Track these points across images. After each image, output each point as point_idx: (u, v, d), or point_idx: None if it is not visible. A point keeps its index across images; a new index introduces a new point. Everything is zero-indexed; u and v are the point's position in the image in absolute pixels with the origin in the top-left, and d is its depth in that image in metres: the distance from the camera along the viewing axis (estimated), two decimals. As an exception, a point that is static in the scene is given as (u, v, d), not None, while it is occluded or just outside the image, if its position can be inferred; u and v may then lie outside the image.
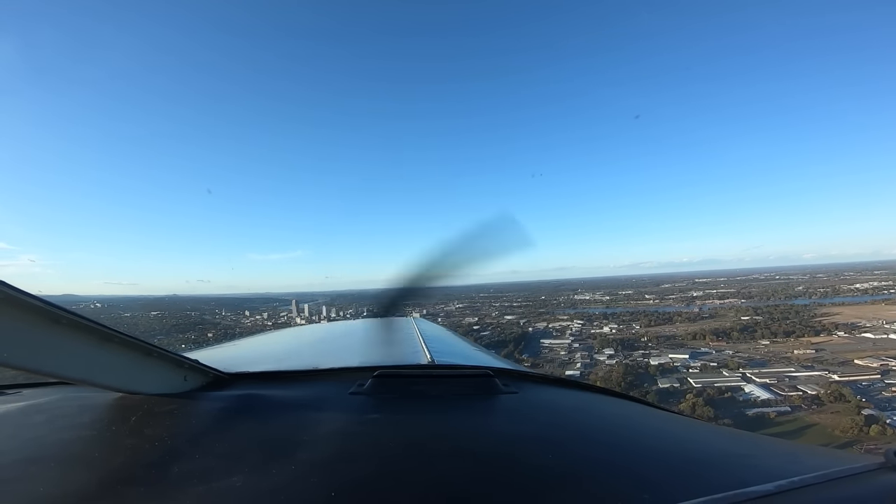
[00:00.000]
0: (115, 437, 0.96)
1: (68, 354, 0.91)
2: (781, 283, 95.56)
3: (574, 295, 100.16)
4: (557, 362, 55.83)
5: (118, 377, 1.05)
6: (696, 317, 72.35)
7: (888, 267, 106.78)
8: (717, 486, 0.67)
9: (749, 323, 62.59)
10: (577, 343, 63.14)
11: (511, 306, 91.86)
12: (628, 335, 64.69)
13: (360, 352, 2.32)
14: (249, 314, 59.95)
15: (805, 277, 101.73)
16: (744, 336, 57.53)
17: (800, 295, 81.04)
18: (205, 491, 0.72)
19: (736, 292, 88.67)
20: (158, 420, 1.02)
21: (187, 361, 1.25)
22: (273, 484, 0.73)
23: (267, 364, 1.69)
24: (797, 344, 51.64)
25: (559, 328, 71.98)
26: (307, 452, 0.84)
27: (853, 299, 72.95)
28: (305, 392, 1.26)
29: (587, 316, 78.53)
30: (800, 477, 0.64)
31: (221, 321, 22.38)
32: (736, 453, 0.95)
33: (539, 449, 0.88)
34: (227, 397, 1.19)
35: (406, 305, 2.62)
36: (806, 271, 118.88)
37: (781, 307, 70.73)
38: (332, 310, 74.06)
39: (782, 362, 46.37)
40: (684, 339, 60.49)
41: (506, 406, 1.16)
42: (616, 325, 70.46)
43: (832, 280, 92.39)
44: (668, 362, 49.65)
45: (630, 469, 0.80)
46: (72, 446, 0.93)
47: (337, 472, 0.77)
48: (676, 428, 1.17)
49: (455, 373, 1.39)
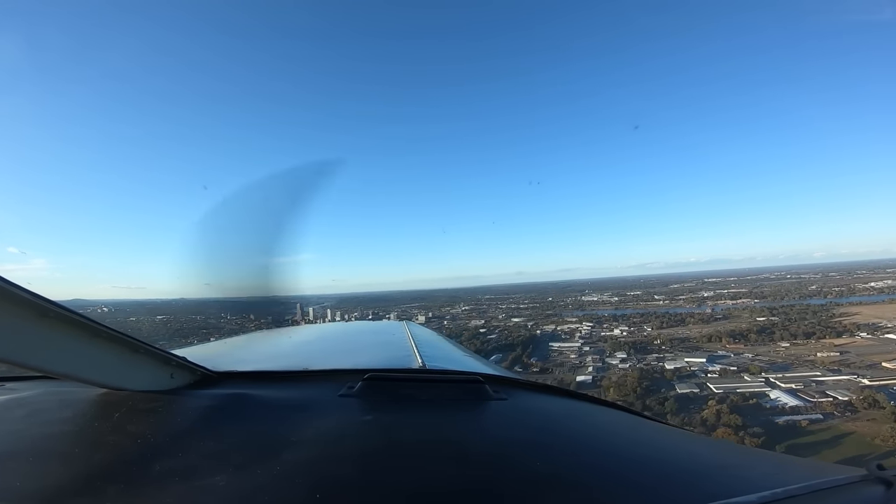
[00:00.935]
0: (97, 433, 0.94)
1: (54, 348, 0.89)
2: (794, 283, 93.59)
3: (581, 296, 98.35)
4: (568, 366, 54.06)
5: (104, 373, 1.04)
6: (709, 318, 70.33)
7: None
8: (702, 496, 0.68)
9: (766, 324, 60.56)
10: (588, 346, 61.23)
11: (518, 308, 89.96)
12: (640, 338, 62.75)
13: (352, 354, 2.32)
14: (254, 318, 60.74)
15: (817, 276, 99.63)
16: (762, 338, 55.51)
17: (814, 294, 79.03)
18: (186, 489, 0.71)
19: (748, 292, 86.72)
20: (142, 417, 1.01)
21: (175, 359, 1.23)
22: (256, 484, 0.72)
23: (257, 364, 1.65)
24: (819, 346, 49.62)
25: (568, 331, 70.02)
26: (293, 453, 0.84)
27: (870, 298, 70.88)
28: (294, 393, 1.25)
29: (596, 318, 76.56)
30: (784, 488, 0.65)
31: (226, 325, 21.98)
32: (721, 464, 0.95)
33: (526, 455, 0.88)
34: (214, 396, 1.17)
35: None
36: (818, 270, 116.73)
37: (797, 307, 68.73)
38: (336, 313, 74.49)
39: (806, 366, 44.38)
40: (699, 341, 58.48)
41: (495, 412, 1.15)
42: (627, 328, 68.55)
43: (845, 279, 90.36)
44: (685, 367, 47.69)
45: (616, 478, 0.81)
46: (52, 441, 0.91)
47: (322, 474, 0.76)
48: (664, 438, 1.18)
49: (445, 378, 1.39)
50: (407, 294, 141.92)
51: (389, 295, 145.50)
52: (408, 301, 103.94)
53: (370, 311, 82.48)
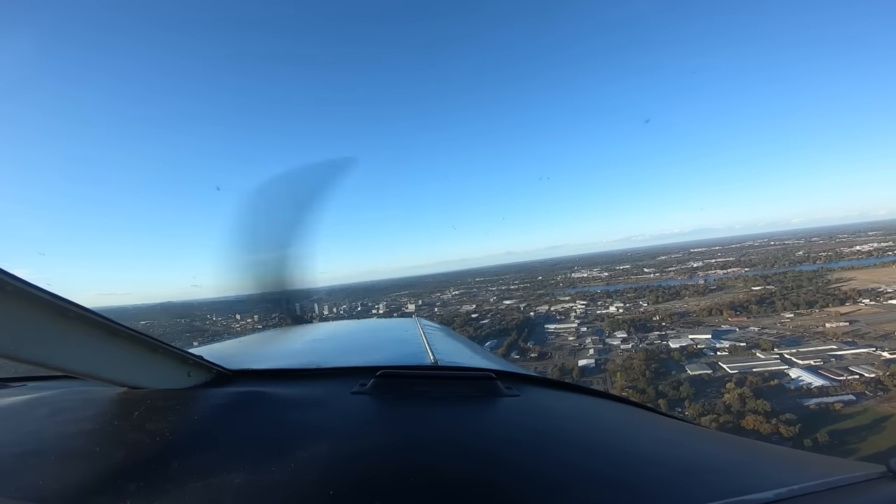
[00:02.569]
0: (117, 431, 0.96)
1: (74, 348, 0.92)
2: (779, 249, 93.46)
3: (571, 273, 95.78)
4: (567, 349, 50.94)
5: (123, 372, 1.07)
6: (704, 290, 68.47)
7: (880, 227, 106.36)
8: (716, 493, 0.67)
9: (763, 294, 58.92)
10: (585, 326, 58.32)
11: (508, 289, 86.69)
12: (638, 314, 60.15)
13: (364, 351, 2.30)
14: (240, 317, 56.50)
15: (801, 242, 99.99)
16: (763, 309, 53.64)
17: (803, 260, 78.55)
18: (204, 487, 0.72)
19: (735, 261, 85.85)
20: (161, 415, 1.02)
21: (191, 357, 1.25)
22: (273, 481, 0.73)
23: (270, 361, 1.66)
24: (824, 316, 47.92)
25: (562, 310, 67.05)
26: (307, 451, 0.84)
27: (860, 262, 70.52)
28: (308, 390, 1.26)
29: (590, 295, 73.91)
30: (800, 485, 0.64)
31: (211, 327, 21.07)
32: (735, 460, 0.95)
33: (539, 452, 0.88)
34: (229, 394, 1.18)
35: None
36: (799, 235, 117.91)
37: (790, 274, 67.58)
38: (324, 307, 70.01)
39: (818, 338, 42.40)
40: (699, 315, 56.24)
41: (507, 408, 1.16)
42: (622, 304, 66.01)
43: (829, 243, 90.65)
44: (691, 344, 45.04)
45: (629, 475, 0.80)
46: (74, 440, 0.93)
47: (336, 472, 0.77)
48: (677, 434, 1.18)
49: (457, 374, 1.39)
50: (396, 282, 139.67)
51: (378, 284, 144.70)
52: (397, 289, 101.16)
53: (359, 302, 78.54)
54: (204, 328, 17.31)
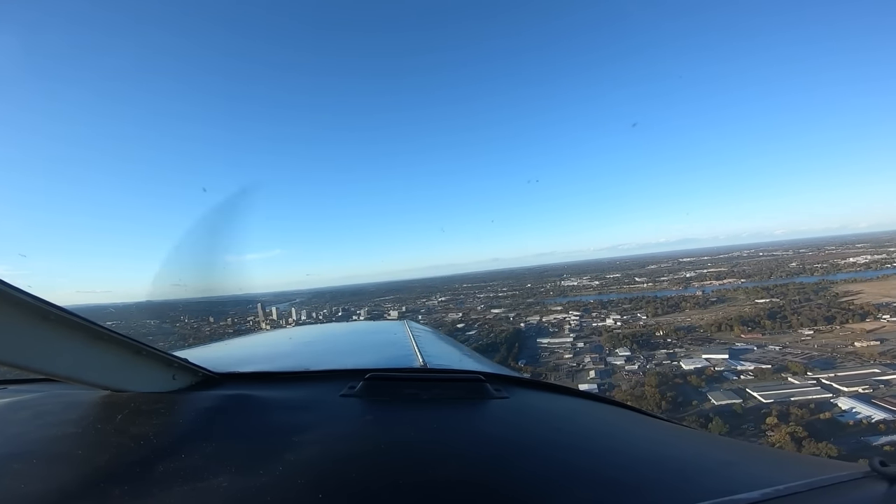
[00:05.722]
0: (100, 435, 0.95)
1: (56, 351, 0.89)
2: (770, 260, 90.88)
3: (561, 281, 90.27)
4: (564, 370, 44.19)
5: (106, 375, 1.04)
6: (704, 302, 63.72)
7: (866, 240, 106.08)
8: (704, 493, 0.68)
9: (771, 307, 54.39)
10: (582, 341, 52.04)
11: (497, 297, 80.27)
12: (638, 328, 54.41)
13: (352, 354, 2.32)
14: (213, 320, 50.66)
15: (790, 253, 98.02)
16: (777, 325, 48.77)
17: (799, 272, 75.52)
18: (189, 490, 0.71)
19: (728, 271, 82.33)
20: (145, 419, 1.01)
21: (177, 360, 1.23)
22: (259, 484, 0.73)
23: (258, 364, 1.64)
24: (848, 333, 43.37)
25: (555, 322, 60.74)
26: (295, 454, 0.84)
27: (861, 275, 67.69)
28: (296, 393, 1.24)
29: (582, 305, 68.08)
30: (785, 485, 0.65)
31: (179, 331, 20.27)
32: (723, 461, 0.96)
33: (528, 454, 0.88)
34: (215, 397, 1.17)
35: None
36: (786, 246, 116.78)
37: (791, 286, 63.75)
38: (302, 312, 63.45)
39: (852, 359, 37.49)
40: (707, 330, 50.85)
41: (496, 411, 1.15)
42: (619, 316, 60.23)
43: (820, 255, 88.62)
44: (707, 366, 39.25)
45: (619, 475, 0.81)
46: (56, 444, 0.91)
47: (325, 474, 0.77)
48: (665, 434, 1.19)
49: (446, 377, 1.39)
50: (382, 286, 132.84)
51: (363, 288, 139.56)
52: (381, 294, 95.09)
53: (340, 307, 70.60)
54: (173, 330, 15.71)
